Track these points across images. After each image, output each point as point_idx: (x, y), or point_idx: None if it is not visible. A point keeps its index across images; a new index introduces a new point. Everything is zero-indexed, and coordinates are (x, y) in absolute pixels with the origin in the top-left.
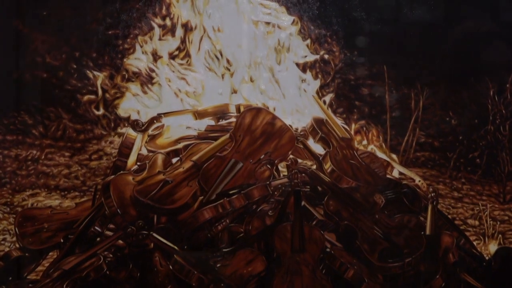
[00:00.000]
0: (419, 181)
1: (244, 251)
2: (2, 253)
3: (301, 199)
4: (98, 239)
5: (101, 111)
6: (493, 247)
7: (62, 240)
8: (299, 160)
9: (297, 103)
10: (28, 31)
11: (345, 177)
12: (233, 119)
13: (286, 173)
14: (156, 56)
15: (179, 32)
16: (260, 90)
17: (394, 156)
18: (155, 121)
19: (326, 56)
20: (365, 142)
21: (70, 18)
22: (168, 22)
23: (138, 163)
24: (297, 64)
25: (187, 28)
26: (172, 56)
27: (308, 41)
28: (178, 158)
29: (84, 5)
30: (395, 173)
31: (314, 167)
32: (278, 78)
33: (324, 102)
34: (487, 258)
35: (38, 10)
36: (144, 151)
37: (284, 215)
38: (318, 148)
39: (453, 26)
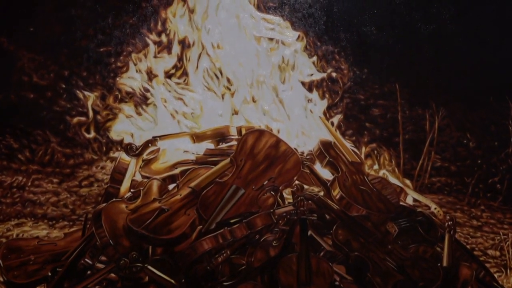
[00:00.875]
0: (435, 208)
1: (246, 285)
2: None
3: (307, 228)
4: (88, 272)
5: (92, 134)
6: None
7: (50, 274)
8: (305, 186)
9: (303, 124)
10: (14, 49)
11: (355, 205)
12: (234, 143)
13: (291, 200)
14: (151, 75)
15: (176, 49)
16: (263, 111)
17: (407, 181)
18: (150, 145)
19: (333, 74)
20: (376, 166)
21: (58, 34)
22: (164, 38)
23: (132, 190)
24: (303, 83)
25: (184, 44)
26: (168, 75)
27: (315, 58)
28: (175, 185)
29: (73, 21)
30: (409, 200)
31: (322, 193)
32: (282, 98)
33: (332, 123)
34: None
35: (24, 26)
36: (138, 177)
37: (290, 245)
38: (325, 173)
39: (470, 41)
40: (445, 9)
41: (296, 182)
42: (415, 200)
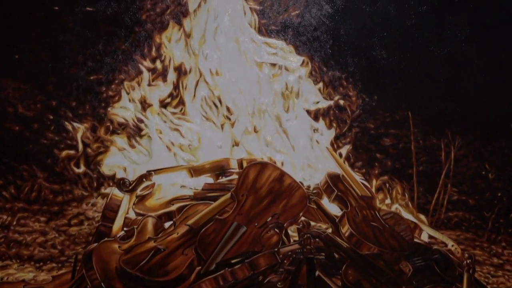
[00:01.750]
0: (452, 245)
1: None
2: None
3: (315, 268)
4: None
5: (81, 169)
6: None
7: None
8: (312, 223)
9: (309, 156)
10: None
11: (366, 242)
12: (235, 176)
13: (297, 238)
14: (145, 104)
15: (172, 76)
16: (265, 142)
17: (422, 216)
18: (144, 180)
19: (341, 102)
20: (388, 200)
21: (45, 62)
22: (158, 65)
23: (125, 229)
24: (308, 112)
25: (180, 71)
26: (163, 104)
27: (321, 84)
28: (171, 222)
29: (61, 47)
30: (424, 237)
31: (330, 230)
32: (286, 128)
33: (340, 155)
34: None
35: (8, 54)
36: (132, 215)
37: (296, 287)
38: (334, 209)
39: (487, 64)
40: (460, 30)
41: (302, 218)
42: (430, 236)
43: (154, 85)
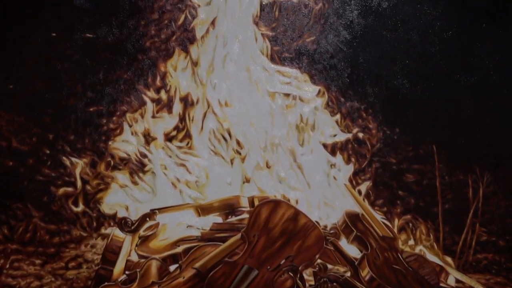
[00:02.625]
0: None
1: None
2: None
3: None
4: None
5: (80, 208)
6: None
7: None
8: (329, 266)
9: (325, 194)
10: None
11: (387, 287)
12: (246, 215)
13: (313, 283)
14: (148, 138)
15: (177, 107)
16: (279, 178)
17: (448, 259)
18: (147, 219)
19: (360, 135)
20: (411, 241)
21: (42, 92)
22: (163, 95)
23: (127, 272)
24: (325, 145)
25: (187, 102)
26: (168, 138)
27: (338, 116)
28: (177, 265)
29: (59, 76)
30: (451, 281)
31: (349, 274)
32: (301, 163)
33: (359, 192)
34: None
35: (2, 83)
36: (134, 257)
37: None
38: (352, 251)
39: None
40: (488, 58)
41: (319, 261)
42: (458, 281)
43: (158, 117)
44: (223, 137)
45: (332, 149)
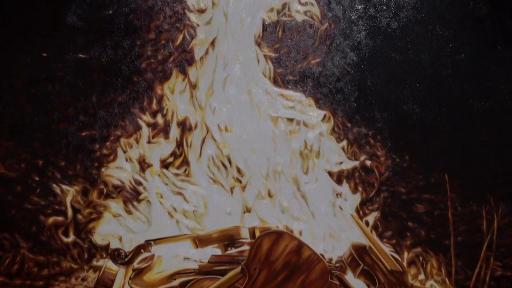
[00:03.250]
0: None
1: None
2: None
3: None
4: None
5: (71, 238)
6: None
7: None
8: None
9: (331, 224)
10: None
11: None
12: (246, 247)
13: None
14: (144, 164)
15: (175, 132)
16: (281, 208)
17: None
18: (142, 251)
19: (368, 163)
20: (422, 276)
21: (31, 115)
22: (160, 119)
23: None
24: (330, 173)
25: (184, 127)
26: (165, 164)
27: (344, 142)
28: None
29: (49, 99)
30: None
31: None
32: (305, 192)
33: (367, 223)
34: None
35: None
36: None
37: None
38: (359, 285)
39: None
40: (503, 82)
41: None
42: None
43: (154, 143)
44: (223, 164)
45: (338, 178)
